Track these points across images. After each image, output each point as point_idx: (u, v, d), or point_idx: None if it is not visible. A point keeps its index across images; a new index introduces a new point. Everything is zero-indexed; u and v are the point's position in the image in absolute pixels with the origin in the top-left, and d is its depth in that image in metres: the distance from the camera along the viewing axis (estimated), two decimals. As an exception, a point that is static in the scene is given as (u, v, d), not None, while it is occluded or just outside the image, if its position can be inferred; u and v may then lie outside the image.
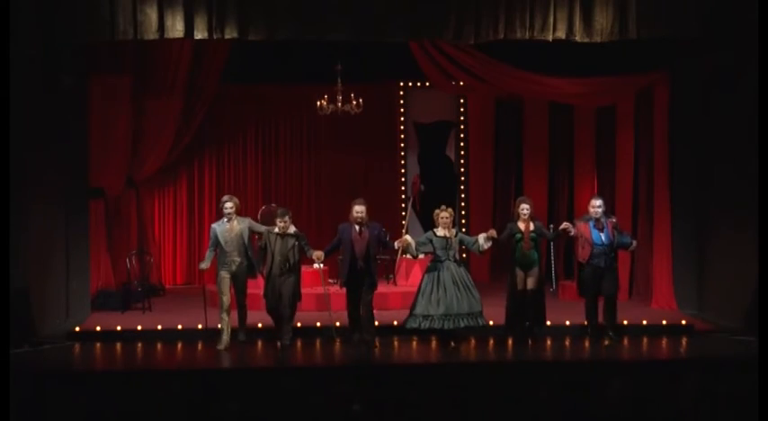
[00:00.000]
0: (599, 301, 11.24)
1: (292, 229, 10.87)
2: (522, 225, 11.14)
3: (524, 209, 11.20)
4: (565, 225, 11.32)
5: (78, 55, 12.15)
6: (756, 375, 9.02)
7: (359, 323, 10.98)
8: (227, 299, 10.95)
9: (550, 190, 15.81)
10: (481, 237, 11.03)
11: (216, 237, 11.01)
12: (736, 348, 11.00)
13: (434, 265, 10.97)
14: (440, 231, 10.99)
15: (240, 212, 11.28)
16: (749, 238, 11.36)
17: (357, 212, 10.85)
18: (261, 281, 11.34)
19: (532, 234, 11.11)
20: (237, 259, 10.99)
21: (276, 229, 10.84)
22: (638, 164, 13.93)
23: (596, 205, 11.15)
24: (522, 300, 11.12)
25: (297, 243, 10.84)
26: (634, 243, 11.50)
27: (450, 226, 11.02)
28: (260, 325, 11.61)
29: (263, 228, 11.07)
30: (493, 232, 11.06)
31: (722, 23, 11.78)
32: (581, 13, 11.70)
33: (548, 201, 15.70)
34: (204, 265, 11.17)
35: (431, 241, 10.97)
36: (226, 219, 11.05)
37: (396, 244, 11.10)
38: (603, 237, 11.07)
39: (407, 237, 11.19)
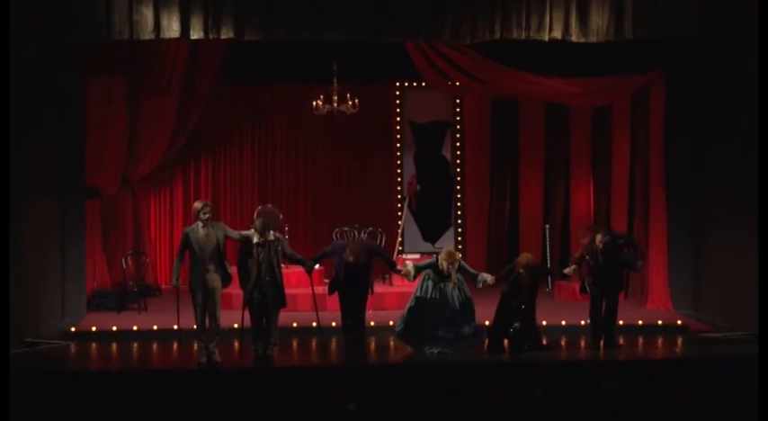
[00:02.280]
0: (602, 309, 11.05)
1: (272, 236, 10.46)
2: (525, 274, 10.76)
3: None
4: (569, 270, 11.20)
5: (74, 55, 12.14)
6: (752, 375, 9.04)
7: (353, 327, 10.89)
8: (202, 310, 10.39)
9: (546, 190, 15.81)
10: (480, 279, 10.74)
11: (188, 242, 10.34)
12: (732, 348, 11.01)
13: (432, 282, 10.74)
14: (444, 268, 10.65)
15: (217, 217, 10.85)
16: (745, 238, 11.38)
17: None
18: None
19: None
20: (212, 267, 10.33)
21: (255, 239, 10.37)
22: (634, 163, 13.94)
23: (599, 240, 10.87)
24: (512, 317, 10.84)
25: (279, 248, 10.43)
26: (639, 263, 11.37)
27: (455, 271, 10.66)
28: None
29: (236, 234, 10.53)
30: (492, 280, 10.77)
31: (718, 23, 11.80)
32: (577, 14, 11.72)
33: (543, 201, 15.71)
34: (176, 282, 10.46)
35: (431, 268, 10.76)
36: (201, 225, 10.32)
37: (399, 267, 11.13)
38: (607, 261, 10.85)
39: (409, 264, 11.04)
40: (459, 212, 16.19)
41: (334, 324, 11.57)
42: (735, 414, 9.13)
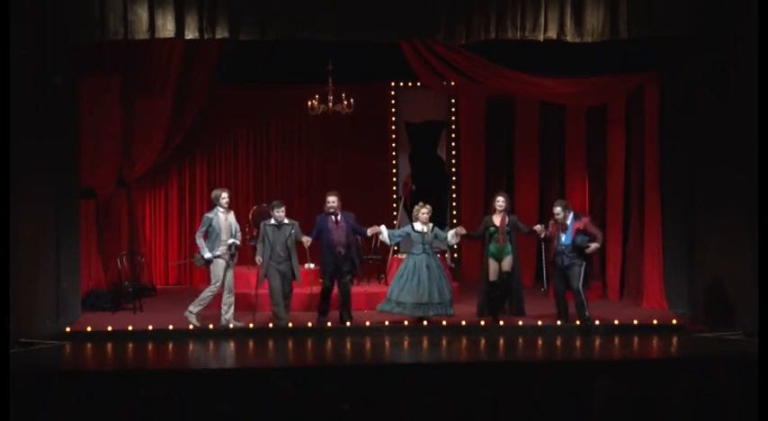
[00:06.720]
0: (565, 294, 11.98)
1: (286, 220, 11.78)
2: (496, 218, 11.97)
3: (499, 201, 12.02)
4: (537, 228, 12.02)
5: (69, 55, 12.12)
6: (747, 374, 9.06)
7: (328, 309, 11.93)
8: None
9: (541, 189, 15.82)
10: (449, 233, 12.01)
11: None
12: (727, 347, 11.03)
13: (410, 256, 11.89)
14: (417, 226, 11.93)
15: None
16: (739, 238, 11.40)
17: (330, 202, 11.91)
18: (254, 279, 12.19)
19: (507, 228, 11.86)
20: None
21: (272, 221, 11.74)
22: (628, 163, 13.95)
23: (555, 212, 11.85)
24: (494, 288, 11.89)
25: (293, 231, 11.74)
26: (592, 245, 11.73)
27: (428, 221, 11.89)
28: (251, 325, 11.63)
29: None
30: (461, 229, 12.04)
31: (713, 24, 11.80)
32: (572, 14, 11.72)
33: (538, 200, 15.72)
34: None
35: (408, 234, 11.96)
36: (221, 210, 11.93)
37: (368, 231, 12.04)
38: (564, 239, 11.80)
39: (382, 227, 12.05)
40: (454, 212, 16.20)
41: (330, 324, 11.58)
42: (729, 413, 9.14)
